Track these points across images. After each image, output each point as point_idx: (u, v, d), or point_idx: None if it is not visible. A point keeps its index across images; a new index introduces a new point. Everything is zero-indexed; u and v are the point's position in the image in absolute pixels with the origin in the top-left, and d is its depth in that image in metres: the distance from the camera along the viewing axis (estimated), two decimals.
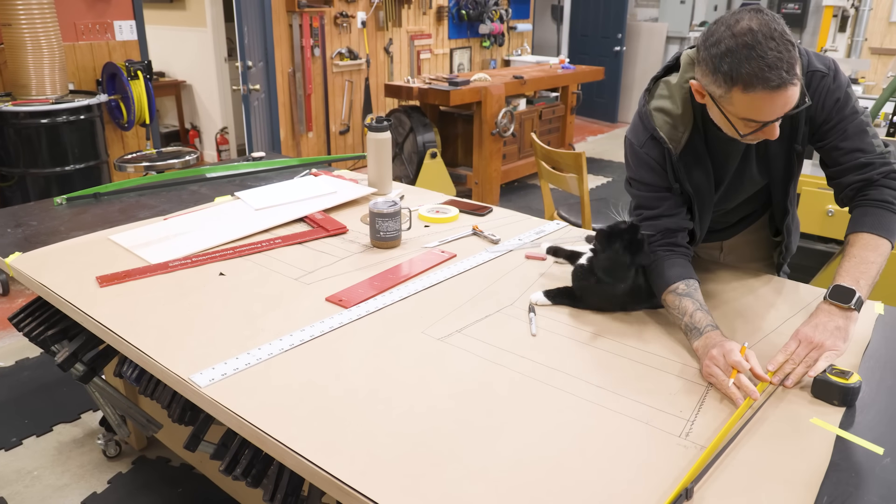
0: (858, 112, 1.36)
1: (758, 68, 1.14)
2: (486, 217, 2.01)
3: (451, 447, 1.01)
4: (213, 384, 1.15)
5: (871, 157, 1.35)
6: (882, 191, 1.33)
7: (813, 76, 1.34)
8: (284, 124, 5.13)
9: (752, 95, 1.16)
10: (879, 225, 1.30)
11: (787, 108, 1.19)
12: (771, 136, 1.25)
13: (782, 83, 1.14)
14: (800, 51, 1.29)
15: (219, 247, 1.75)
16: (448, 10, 6.31)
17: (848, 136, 1.35)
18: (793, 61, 1.15)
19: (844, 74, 1.37)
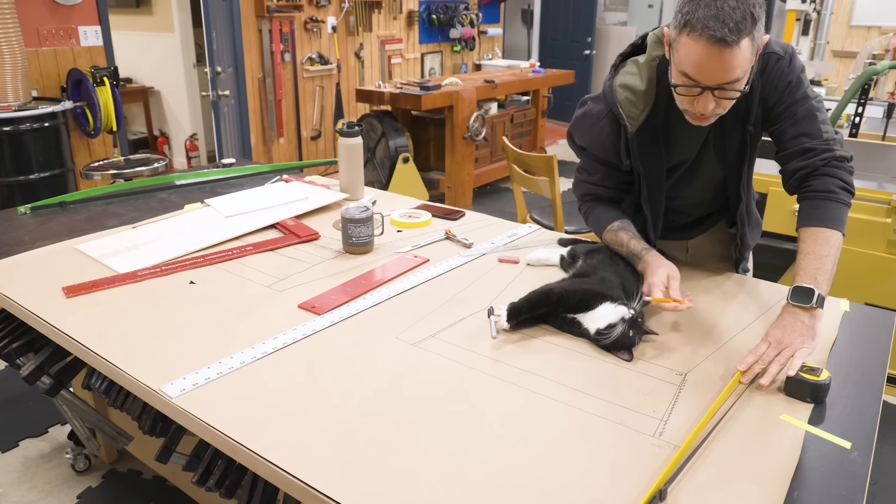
0: (809, 97, 1.38)
1: (708, 16, 1.17)
2: (458, 221, 2.01)
3: (426, 452, 1.00)
4: (184, 394, 1.13)
5: (815, 142, 1.36)
6: (825, 180, 1.34)
7: (770, 58, 1.36)
8: (255, 130, 5.09)
9: (694, 43, 1.19)
10: (827, 217, 1.31)
11: (723, 75, 1.20)
12: (702, 110, 1.26)
13: (723, 38, 1.16)
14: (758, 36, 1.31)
15: (189, 255, 1.73)
16: (418, 14, 6.31)
17: (796, 120, 1.37)
18: (743, 26, 1.16)
19: (800, 61, 1.39)
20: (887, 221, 2.58)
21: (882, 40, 5.38)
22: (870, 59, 4.45)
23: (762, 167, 2.92)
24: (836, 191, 1.33)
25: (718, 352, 1.30)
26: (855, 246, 2.67)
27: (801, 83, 1.37)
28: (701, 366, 1.25)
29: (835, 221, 1.31)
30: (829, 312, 1.46)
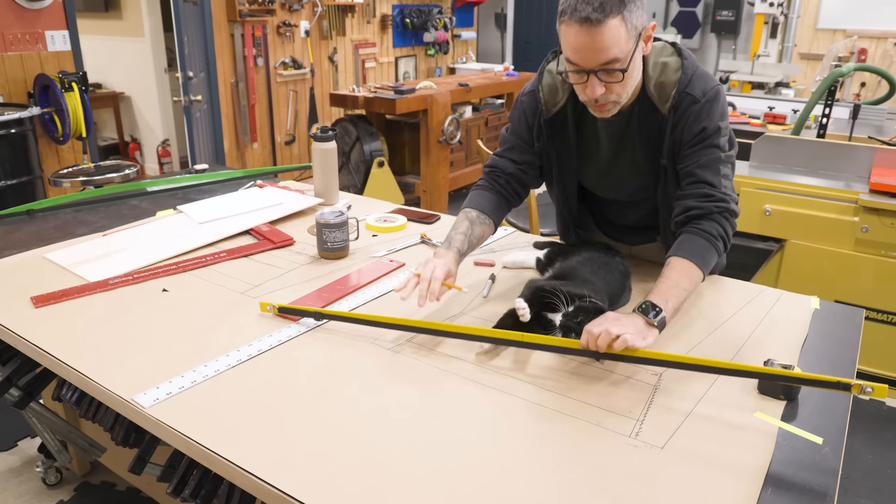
0: (720, 149, 1.40)
1: (574, 0, 1.23)
2: (434, 225, 2.01)
3: (404, 457, 1.00)
4: (157, 404, 1.12)
5: (714, 191, 1.40)
6: (713, 224, 1.38)
7: (685, 98, 1.39)
8: (228, 135, 5.04)
9: (568, 28, 1.26)
10: (700, 255, 1.35)
11: (598, 55, 1.25)
12: (591, 94, 1.31)
13: (587, 17, 1.22)
14: (686, 68, 1.38)
15: (161, 262, 1.71)
16: (392, 18, 6.31)
17: (701, 165, 1.40)
18: (608, 5, 1.21)
19: (723, 107, 1.41)
20: (854, 220, 2.63)
21: (847, 43, 5.49)
22: (835, 62, 4.53)
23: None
24: (718, 238, 1.38)
25: (692, 351, 1.31)
26: (824, 244, 2.72)
27: (717, 133, 1.39)
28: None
29: (705, 263, 1.35)
30: (801, 310, 1.49)
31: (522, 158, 1.58)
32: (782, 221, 2.77)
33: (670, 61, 1.41)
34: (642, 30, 1.29)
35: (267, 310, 1.44)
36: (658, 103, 1.41)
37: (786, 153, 2.99)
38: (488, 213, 1.56)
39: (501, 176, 1.59)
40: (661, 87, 1.40)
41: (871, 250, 2.64)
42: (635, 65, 1.32)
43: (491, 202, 1.57)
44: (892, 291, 2.65)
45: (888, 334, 2.70)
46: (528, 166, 1.59)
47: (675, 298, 1.27)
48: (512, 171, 1.58)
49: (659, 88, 1.40)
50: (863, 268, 2.67)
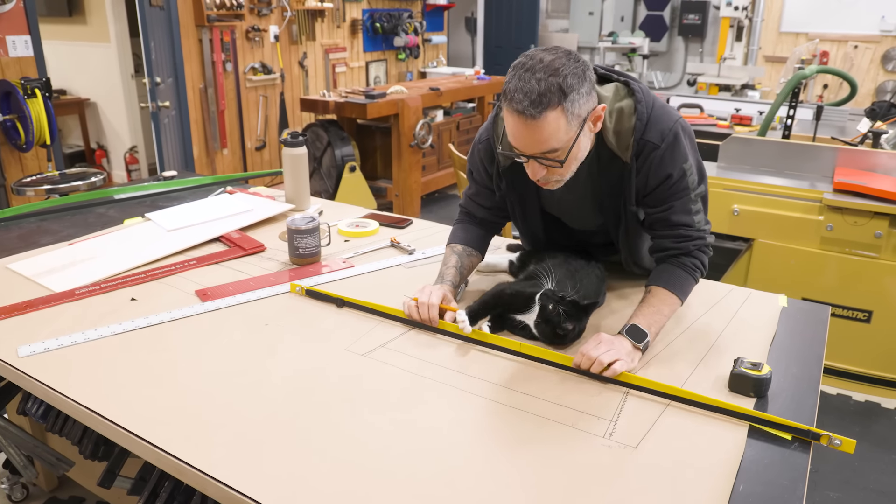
0: (689, 189, 1.39)
1: (516, 88, 1.21)
2: (406, 229, 2.01)
3: (379, 464, 0.99)
4: (126, 415, 1.10)
5: (690, 231, 1.41)
6: (690, 258, 1.42)
7: (645, 146, 1.35)
8: (197, 142, 4.98)
9: (508, 115, 1.24)
10: (679, 285, 1.40)
11: (534, 146, 1.25)
12: (532, 176, 1.33)
13: (522, 111, 1.20)
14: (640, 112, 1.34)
15: (129, 271, 1.68)
16: (362, 23, 6.30)
17: (675, 210, 1.40)
18: (546, 99, 1.19)
19: (686, 145, 1.38)
20: (819, 219, 2.69)
21: (809, 46, 5.62)
22: (799, 64, 4.63)
23: None
24: (696, 270, 1.42)
25: (664, 351, 1.33)
26: (790, 243, 2.77)
27: (683, 176, 1.38)
28: (648, 365, 1.27)
29: (683, 292, 1.40)
30: (769, 308, 1.51)
31: (490, 203, 1.59)
32: (750, 221, 2.82)
33: (625, 106, 1.36)
34: (587, 115, 1.27)
35: (296, 290, 1.55)
36: (618, 151, 1.38)
37: (752, 154, 3.04)
38: (473, 245, 1.58)
39: (475, 218, 1.62)
40: (619, 135, 1.36)
41: (835, 248, 2.70)
42: (579, 147, 1.29)
43: (474, 234, 1.60)
44: (855, 288, 2.71)
45: (853, 330, 2.76)
46: (496, 209, 1.60)
47: (657, 324, 1.33)
48: (483, 216, 1.61)
49: (617, 136, 1.36)
50: (828, 265, 2.73)
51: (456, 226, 1.63)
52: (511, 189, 1.52)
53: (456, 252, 1.56)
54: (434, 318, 1.38)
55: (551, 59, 1.22)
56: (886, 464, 2.44)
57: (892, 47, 6.71)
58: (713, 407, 1.12)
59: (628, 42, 7.55)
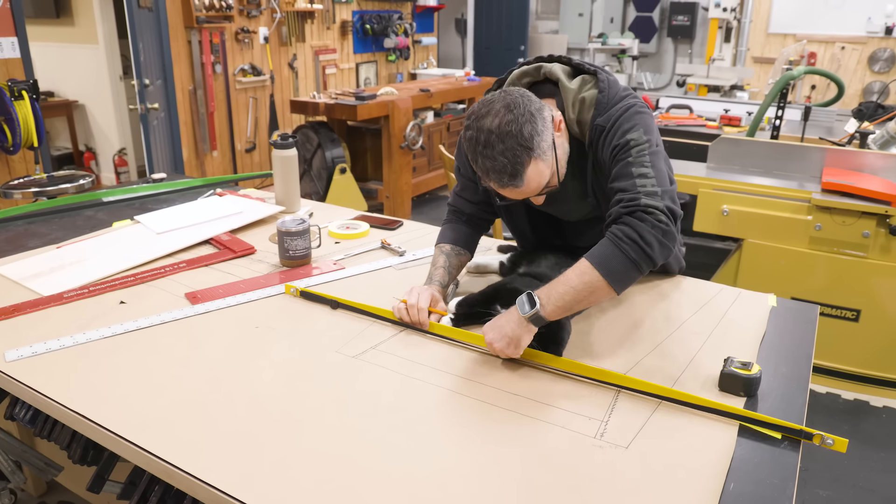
0: (632, 156, 1.32)
1: (488, 168, 1.26)
2: (397, 231, 2.01)
3: (371, 466, 0.99)
4: (116, 419, 1.09)
5: (625, 195, 1.30)
6: (620, 227, 1.27)
7: (595, 130, 1.37)
8: (187, 144, 4.96)
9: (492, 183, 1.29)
10: (599, 257, 1.25)
11: (527, 193, 1.30)
12: (536, 203, 1.40)
13: (506, 185, 1.27)
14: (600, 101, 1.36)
15: (118, 274, 1.67)
16: (352, 24, 6.29)
17: (613, 179, 1.35)
18: (520, 166, 1.24)
19: (633, 122, 1.35)
20: (808, 219, 2.71)
21: (797, 47, 5.66)
22: (787, 65, 4.66)
23: (690, 169, 3.02)
24: (624, 240, 1.24)
25: (655, 350, 1.33)
26: (779, 243, 2.79)
27: (626, 147, 1.34)
28: (639, 365, 1.28)
29: (602, 265, 1.24)
30: (759, 307, 1.52)
31: (477, 198, 1.59)
32: (740, 221, 2.83)
33: (587, 96, 1.38)
34: (552, 138, 1.30)
35: (291, 292, 1.55)
36: (582, 139, 1.41)
37: (741, 154, 3.06)
38: (461, 244, 1.58)
39: (464, 214, 1.62)
40: (581, 125, 1.39)
41: (824, 248, 2.72)
42: (560, 160, 1.34)
43: (461, 233, 1.60)
44: (844, 287, 2.73)
45: (841, 328, 2.78)
46: (484, 204, 1.60)
47: (558, 294, 1.23)
48: (472, 211, 1.61)
49: (580, 127, 1.40)
50: (817, 265, 2.74)
51: (444, 226, 1.64)
52: None
53: (444, 252, 1.56)
54: (424, 321, 1.39)
55: (498, 123, 1.24)
56: (875, 461, 2.45)
57: (879, 48, 6.77)
58: (704, 407, 1.12)
59: (618, 43, 7.58)
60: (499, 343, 1.24)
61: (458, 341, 1.35)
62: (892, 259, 2.63)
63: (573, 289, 1.23)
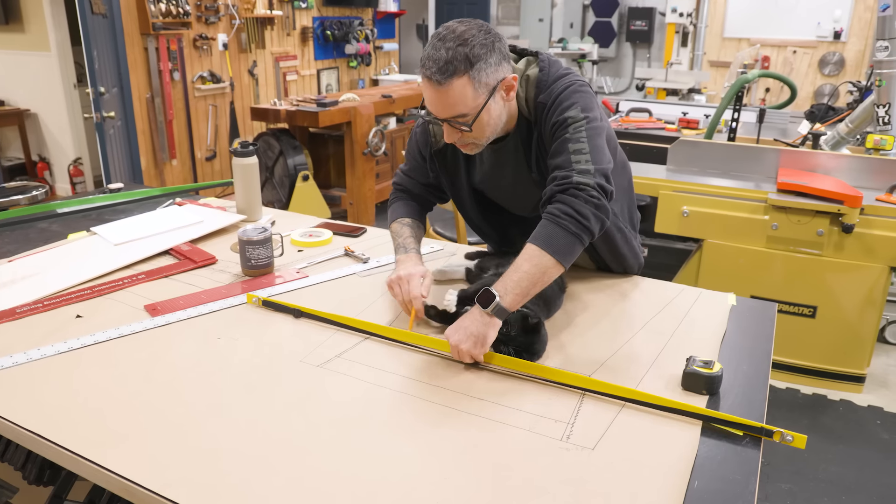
0: (568, 132, 1.36)
1: (427, 56, 1.30)
2: (360, 238, 1.99)
3: (335, 472, 0.98)
4: (73, 438, 1.06)
5: (559, 172, 1.35)
6: (556, 206, 1.32)
7: (538, 108, 1.43)
8: (145, 152, 4.86)
9: (422, 80, 1.33)
10: (546, 238, 1.29)
11: (444, 110, 1.33)
12: (447, 139, 1.41)
13: (430, 77, 1.29)
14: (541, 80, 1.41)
15: (74, 287, 1.62)
16: (313, 30, 6.25)
17: (551, 155, 1.40)
18: (452, 67, 1.27)
19: (573, 101, 1.37)
20: (765, 218, 2.77)
21: (751, 51, 5.79)
22: (741, 69, 4.77)
23: (650, 171, 3.07)
24: (562, 217, 1.29)
25: (619, 351, 1.34)
26: (737, 242, 2.84)
27: (563, 124, 1.37)
28: (604, 366, 1.29)
29: (549, 244, 1.28)
30: (719, 306, 1.55)
31: (425, 180, 1.65)
32: (699, 222, 2.88)
33: (531, 74, 1.44)
34: (497, 83, 1.33)
35: (253, 301, 1.52)
36: (530, 119, 1.46)
37: (700, 156, 3.12)
38: (415, 216, 1.64)
39: (410, 193, 1.67)
40: (527, 103, 1.45)
41: (780, 246, 2.78)
42: (490, 114, 1.35)
43: (412, 208, 1.65)
44: (801, 285, 2.80)
45: (799, 325, 2.85)
46: (432, 187, 1.66)
47: (516, 283, 1.25)
48: (419, 192, 1.67)
49: (526, 105, 1.45)
50: (774, 263, 2.81)
51: (395, 203, 1.67)
52: (443, 169, 1.60)
53: (404, 223, 1.60)
54: (420, 308, 1.40)
55: (463, 29, 1.30)
56: (834, 454, 2.51)
57: (828, 52, 6.97)
58: (667, 408, 1.14)
59: (578, 48, 7.68)
60: (465, 343, 1.24)
61: (423, 347, 1.35)
62: (845, 256, 2.70)
63: (527, 273, 1.27)
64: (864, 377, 2.88)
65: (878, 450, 2.55)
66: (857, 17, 6.80)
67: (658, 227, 2.96)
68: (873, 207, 2.64)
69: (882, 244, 2.64)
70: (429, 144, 1.58)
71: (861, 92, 3.56)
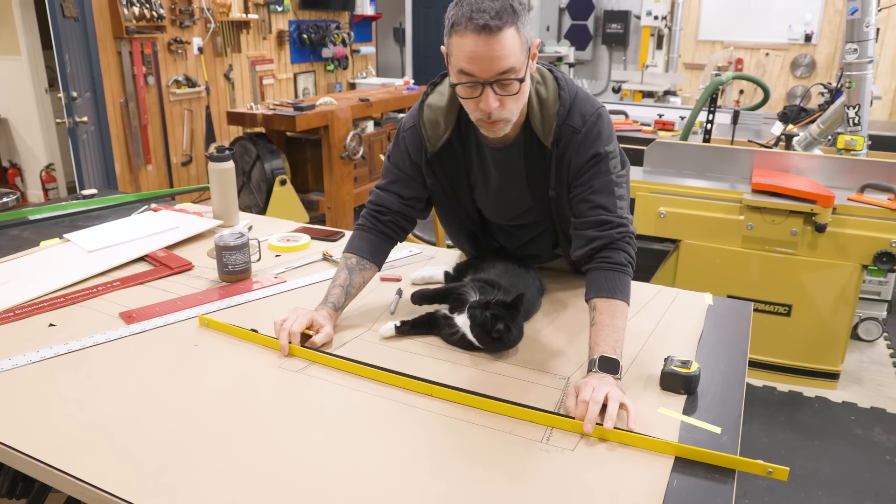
0: (611, 172, 1.39)
1: (470, 10, 1.21)
2: (338, 242, 1.98)
3: (315, 479, 0.97)
4: (47, 449, 1.04)
5: (612, 216, 1.38)
6: (619, 254, 1.36)
7: (565, 130, 1.39)
8: (119, 158, 4.80)
9: (462, 38, 1.23)
10: (619, 288, 1.33)
11: (495, 64, 1.23)
12: (486, 108, 1.28)
13: (486, 24, 1.20)
14: (563, 99, 1.38)
15: (47, 295, 1.60)
16: (289, 34, 6.22)
17: (595, 190, 1.39)
18: (504, 14, 1.21)
19: (607, 130, 1.40)
20: (740, 218, 2.80)
21: (725, 53, 5.86)
22: (716, 71, 4.82)
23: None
24: (627, 265, 1.36)
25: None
26: (713, 242, 2.87)
27: (606, 158, 1.39)
28: (583, 368, 1.29)
29: (625, 294, 1.33)
30: (696, 306, 1.56)
31: (409, 193, 1.54)
32: (676, 223, 2.91)
33: (549, 92, 1.40)
34: (531, 45, 1.29)
35: (204, 323, 1.45)
36: (541, 136, 1.41)
37: (676, 158, 3.15)
38: (369, 256, 1.51)
39: (386, 214, 1.54)
40: (543, 120, 1.40)
41: (756, 246, 2.82)
42: (527, 79, 1.30)
43: (372, 244, 1.52)
44: (776, 284, 2.84)
45: (774, 323, 2.89)
46: (414, 200, 1.55)
47: (619, 342, 1.25)
48: (398, 209, 1.54)
49: (541, 122, 1.40)
50: (749, 263, 2.84)
51: (356, 232, 1.55)
52: (442, 174, 1.52)
53: (348, 266, 1.49)
54: (284, 345, 1.32)
55: None
56: (810, 450, 2.55)
57: (800, 54, 7.08)
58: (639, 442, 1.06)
59: (554, 51, 7.72)
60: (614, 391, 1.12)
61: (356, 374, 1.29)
62: (819, 255, 2.74)
63: (622, 329, 1.28)
64: (838, 374, 2.93)
65: (853, 445, 2.59)
66: (827, 21, 6.92)
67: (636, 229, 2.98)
68: (845, 207, 2.69)
69: (854, 243, 2.68)
70: (422, 150, 1.49)
71: (832, 93, 3.61)
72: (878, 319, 3.36)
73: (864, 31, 2.82)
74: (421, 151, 1.50)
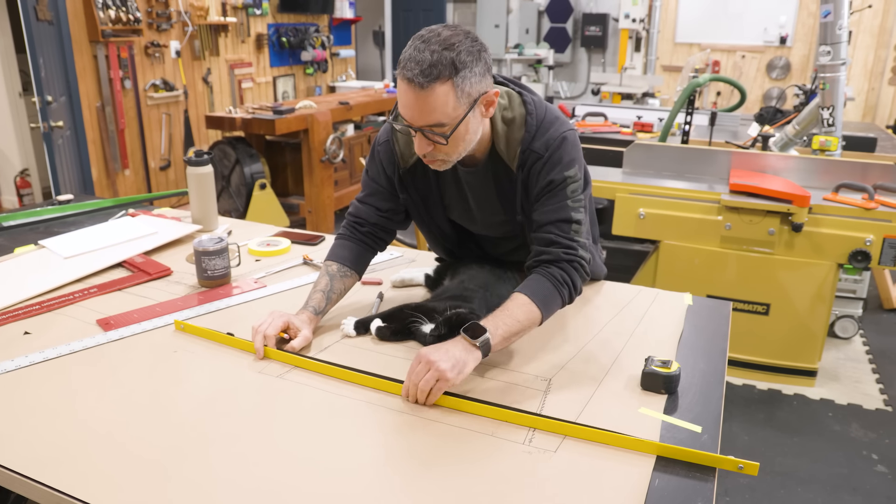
0: (569, 197, 1.38)
1: (409, 57, 1.22)
2: (319, 246, 1.97)
3: (297, 484, 0.96)
4: (24, 460, 1.02)
5: (561, 237, 1.37)
6: (559, 271, 1.35)
7: (529, 156, 1.39)
8: (96, 163, 4.74)
9: (399, 82, 1.25)
10: (541, 296, 1.32)
11: (421, 116, 1.24)
12: (417, 150, 1.32)
13: (412, 78, 1.21)
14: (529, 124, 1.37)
15: (22, 303, 1.57)
16: (268, 37, 6.18)
17: (548, 212, 1.39)
18: (435, 71, 1.20)
19: (570, 154, 1.39)
20: (718, 219, 2.83)
21: (702, 55, 5.93)
22: (693, 73, 4.88)
23: (607, 175, 3.11)
24: (563, 284, 1.35)
25: (580, 354, 1.36)
26: (692, 243, 2.90)
27: (563, 183, 1.38)
28: (564, 369, 1.30)
29: (545, 305, 1.32)
30: (676, 306, 1.57)
31: (386, 206, 1.54)
32: (655, 223, 2.93)
33: (516, 116, 1.39)
34: (479, 96, 1.27)
35: (180, 328, 1.44)
36: (507, 161, 1.41)
37: (655, 159, 3.17)
38: (350, 264, 1.50)
39: (365, 226, 1.54)
40: (508, 145, 1.39)
41: (734, 246, 2.85)
42: (467, 128, 1.29)
43: (353, 252, 1.52)
44: (754, 283, 2.87)
45: (753, 322, 2.92)
46: (392, 212, 1.55)
47: (507, 327, 1.25)
48: (375, 221, 1.54)
49: (506, 146, 1.39)
50: (728, 263, 2.87)
51: (337, 241, 1.55)
52: (414, 190, 1.51)
53: (329, 273, 1.49)
54: (259, 349, 1.31)
55: (449, 34, 1.23)
56: (790, 447, 2.58)
57: (775, 56, 7.18)
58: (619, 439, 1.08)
59: (534, 54, 7.75)
60: (444, 363, 1.15)
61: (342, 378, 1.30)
62: (796, 254, 2.78)
63: (518, 322, 1.27)
64: (816, 371, 2.97)
65: (830, 441, 2.63)
66: (801, 23, 7.02)
67: (615, 230, 3.00)
68: (821, 206, 2.73)
69: (830, 242, 2.72)
70: (395, 164, 1.49)
71: (807, 95, 3.67)
72: (853, 317, 3.41)
73: (836, 33, 2.87)
74: (394, 166, 1.49)
